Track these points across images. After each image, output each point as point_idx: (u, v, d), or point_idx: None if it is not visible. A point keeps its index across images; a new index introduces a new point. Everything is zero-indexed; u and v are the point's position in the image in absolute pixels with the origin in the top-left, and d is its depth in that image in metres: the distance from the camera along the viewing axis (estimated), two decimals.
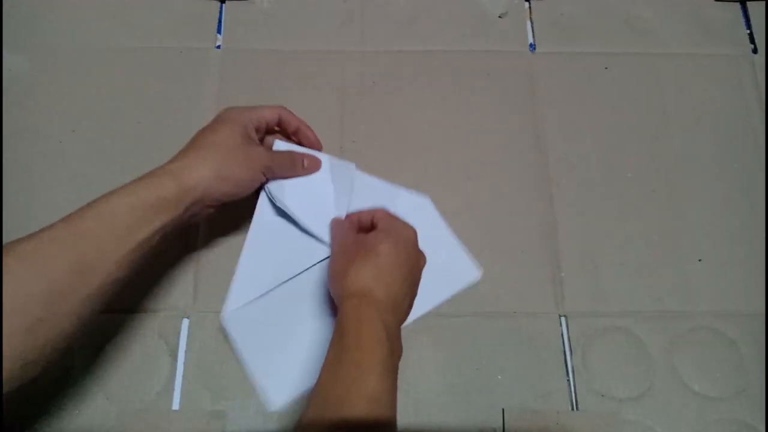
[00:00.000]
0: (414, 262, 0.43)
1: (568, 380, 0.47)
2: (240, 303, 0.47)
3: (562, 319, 0.49)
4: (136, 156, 0.54)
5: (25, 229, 0.50)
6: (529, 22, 0.60)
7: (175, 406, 0.45)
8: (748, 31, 0.59)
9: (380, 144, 0.54)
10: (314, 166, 0.49)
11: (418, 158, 0.54)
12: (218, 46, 0.58)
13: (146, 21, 0.59)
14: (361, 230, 0.47)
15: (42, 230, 0.37)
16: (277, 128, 0.49)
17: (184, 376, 0.46)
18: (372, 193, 0.52)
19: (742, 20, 0.60)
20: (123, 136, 0.54)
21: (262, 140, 0.48)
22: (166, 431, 0.44)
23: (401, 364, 0.39)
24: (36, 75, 0.57)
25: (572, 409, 0.46)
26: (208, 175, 0.41)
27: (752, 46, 0.58)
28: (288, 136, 0.50)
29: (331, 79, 0.57)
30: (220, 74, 0.57)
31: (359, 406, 0.34)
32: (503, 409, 0.45)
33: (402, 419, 0.44)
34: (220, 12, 0.60)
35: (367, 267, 0.41)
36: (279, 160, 0.47)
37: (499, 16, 0.60)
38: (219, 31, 0.59)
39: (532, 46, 0.59)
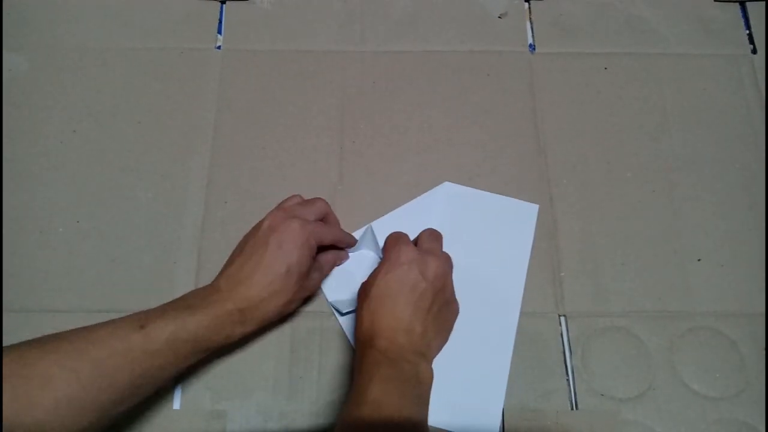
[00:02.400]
0: (426, 285, 0.42)
1: (568, 380, 0.47)
2: None
3: (562, 319, 0.49)
4: (136, 156, 0.54)
5: (25, 229, 0.50)
6: (528, 23, 0.60)
7: (176, 405, 0.45)
8: (748, 32, 0.59)
9: (380, 144, 0.54)
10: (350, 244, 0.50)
11: (418, 158, 0.54)
12: (218, 47, 0.58)
13: (146, 21, 0.59)
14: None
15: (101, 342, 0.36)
16: None
17: (184, 375, 0.46)
18: (470, 204, 0.52)
19: (742, 20, 0.60)
20: (123, 136, 0.54)
21: None
22: (166, 431, 0.44)
23: None
24: (36, 75, 0.57)
25: (572, 408, 0.46)
26: (277, 311, 0.42)
27: (752, 46, 0.58)
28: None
29: (331, 79, 0.57)
30: (220, 74, 0.57)
31: None
32: (503, 409, 0.45)
33: None
34: (221, 12, 0.60)
35: (364, 313, 0.41)
36: (328, 267, 0.47)
37: (499, 17, 0.60)
38: (219, 32, 0.59)
39: (532, 47, 0.59)
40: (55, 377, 0.33)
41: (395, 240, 0.45)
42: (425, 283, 0.42)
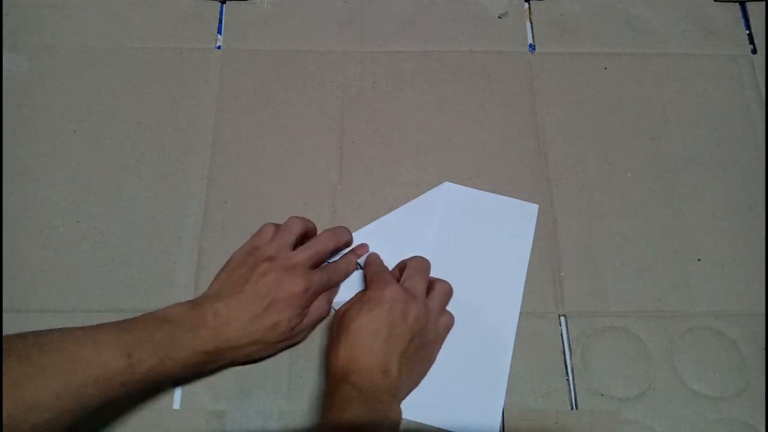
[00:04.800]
0: (405, 327, 0.42)
1: (568, 380, 0.47)
2: None
3: (562, 318, 0.49)
4: (136, 156, 0.54)
5: (25, 229, 0.51)
6: (528, 23, 0.60)
7: (176, 405, 0.45)
8: (748, 32, 0.59)
9: (380, 144, 0.54)
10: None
11: (418, 158, 0.54)
12: (218, 47, 0.58)
13: (146, 21, 0.59)
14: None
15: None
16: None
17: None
18: (468, 204, 0.52)
19: (742, 20, 0.60)
20: (123, 136, 0.54)
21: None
22: (166, 431, 0.44)
23: None
24: (36, 75, 0.57)
25: (572, 408, 0.46)
26: (251, 358, 0.44)
27: (752, 46, 0.59)
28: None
29: (331, 79, 0.57)
30: (220, 74, 0.57)
31: None
32: (503, 409, 0.45)
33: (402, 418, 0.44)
34: (221, 12, 0.60)
35: (341, 348, 0.41)
36: (315, 315, 0.46)
37: (499, 17, 0.60)
38: (219, 32, 0.59)
39: (532, 47, 0.59)
40: (39, 404, 0.34)
41: (378, 275, 0.45)
42: (405, 325, 0.42)
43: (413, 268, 0.46)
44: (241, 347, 0.42)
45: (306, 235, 0.48)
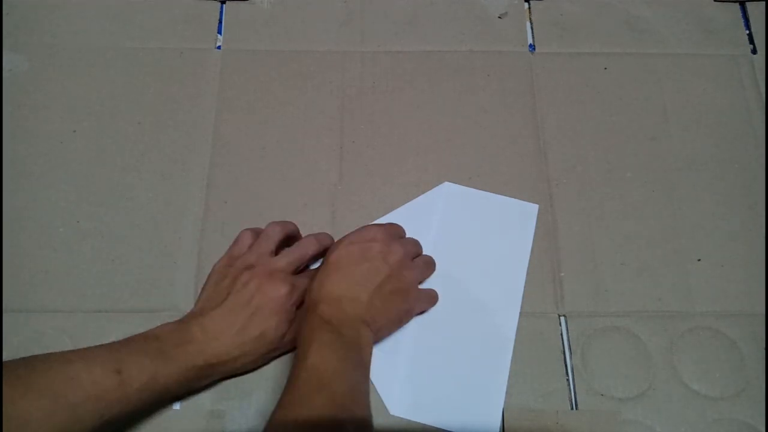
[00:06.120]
0: (382, 264, 0.43)
1: (568, 380, 0.47)
2: None
3: (562, 319, 0.49)
4: (136, 156, 0.54)
5: (25, 229, 0.51)
6: (528, 23, 0.60)
7: (176, 405, 0.45)
8: (748, 32, 0.59)
9: (380, 144, 0.54)
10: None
11: (418, 158, 0.54)
12: (218, 47, 0.58)
13: (146, 21, 0.59)
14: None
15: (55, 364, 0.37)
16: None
17: None
18: (469, 203, 0.52)
19: (742, 20, 0.60)
20: (123, 136, 0.54)
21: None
22: (166, 431, 0.44)
23: None
24: (36, 75, 0.57)
25: (572, 408, 0.46)
26: (244, 369, 0.44)
27: (752, 46, 0.59)
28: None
29: (331, 79, 0.57)
30: (220, 74, 0.57)
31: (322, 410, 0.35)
32: (503, 409, 0.45)
33: (402, 418, 0.44)
34: (220, 12, 0.60)
35: (318, 276, 0.42)
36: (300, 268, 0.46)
37: (499, 17, 0.60)
38: (219, 32, 0.59)
39: (532, 47, 0.59)
40: (33, 420, 0.34)
41: (373, 224, 0.47)
42: (382, 263, 0.43)
43: (408, 239, 0.48)
44: (232, 360, 0.42)
45: (290, 238, 0.48)
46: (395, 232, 0.48)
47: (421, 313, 0.47)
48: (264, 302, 0.42)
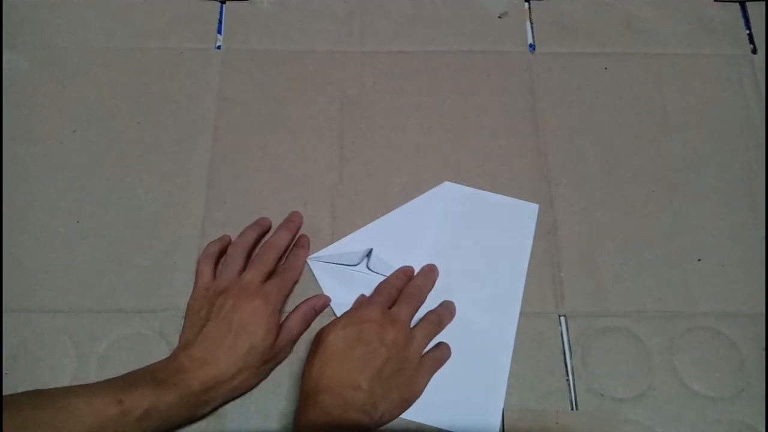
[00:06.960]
0: (380, 347, 0.42)
1: (568, 380, 0.47)
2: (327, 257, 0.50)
3: (562, 319, 0.49)
4: (136, 156, 0.54)
5: (25, 229, 0.50)
6: (528, 23, 0.60)
7: None
8: (748, 32, 0.59)
9: (380, 144, 0.54)
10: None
11: (418, 158, 0.54)
12: (218, 47, 0.58)
13: (146, 21, 0.59)
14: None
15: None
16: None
17: None
18: (470, 203, 0.52)
19: (742, 20, 0.60)
20: (123, 136, 0.54)
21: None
22: None
23: None
24: (36, 75, 0.57)
25: (572, 409, 0.46)
26: (243, 388, 0.43)
27: (752, 46, 0.58)
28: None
29: (331, 79, 0.57)
30: (220, 74, 0.57)
31: None
32: (503, 409, 0.45)
33: (402, 418, 0.44)
34: (220, 12, 0.60)
35: (315, 362, 0.41)
36: (296, 331, 0.46)
37: (499, 17, 0.60)
38: (219, 32, 0.59)
39: (532, 47, 0.59)
40: None
41: (368, 297, 0.46)
42: (380, 346, 0.42)
43: (407, 294, 0.46)
44: (229, 380, 0.41)
45: (262, 236, 0.50)
46: (389, 298, 0.46)
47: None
48: (244, 318, 0.42)
